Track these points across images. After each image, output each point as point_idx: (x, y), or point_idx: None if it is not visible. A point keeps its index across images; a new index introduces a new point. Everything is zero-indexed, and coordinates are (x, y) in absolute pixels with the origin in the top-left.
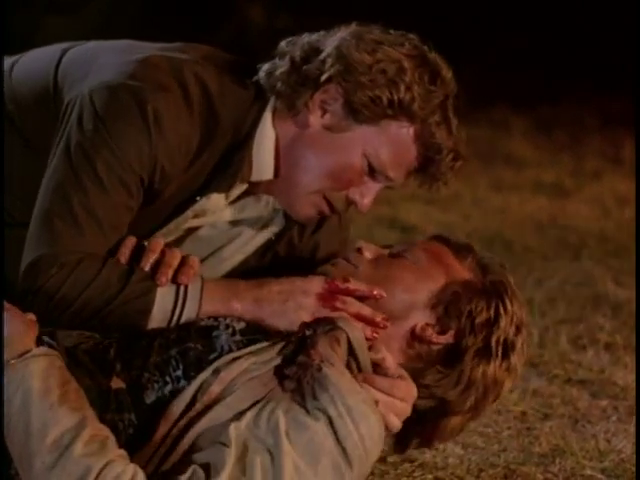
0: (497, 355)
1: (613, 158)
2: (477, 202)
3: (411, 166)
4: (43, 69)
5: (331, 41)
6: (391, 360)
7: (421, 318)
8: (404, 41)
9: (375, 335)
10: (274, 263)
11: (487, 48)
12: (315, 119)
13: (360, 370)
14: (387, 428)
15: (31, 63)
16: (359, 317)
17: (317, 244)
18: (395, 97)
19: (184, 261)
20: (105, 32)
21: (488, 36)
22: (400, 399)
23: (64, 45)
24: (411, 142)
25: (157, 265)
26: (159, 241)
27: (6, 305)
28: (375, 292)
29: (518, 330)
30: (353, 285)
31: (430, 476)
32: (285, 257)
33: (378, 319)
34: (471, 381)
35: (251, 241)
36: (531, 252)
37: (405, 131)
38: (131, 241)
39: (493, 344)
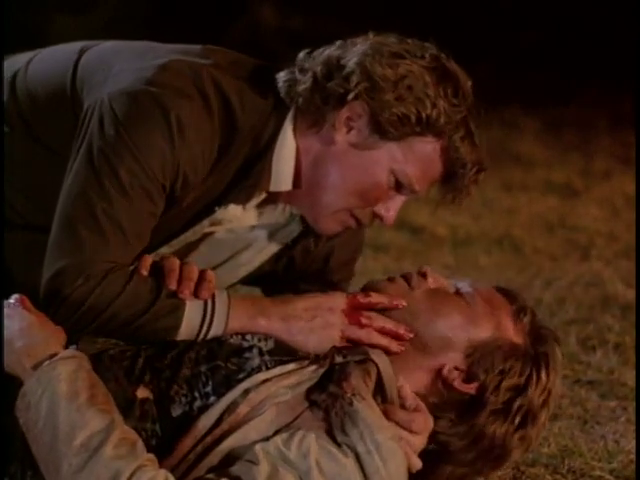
0: (513, 422)
1: (623, 158)
2: (486, 202)
3: (435, 178)
4: (60, 69)
5: (351, 55)
6: (408, 390)
7: (452, 360)
8: (423, 52)
9: (402, 348)
10: (289, 268)
11: (498, 48)
12: (340, 136)
13: (385, 402)
14: (409, 469)
15: (47, 62)
16: (384, 331)
17: (332, 250)
18: (423, 114)
19: (202, 276)
20: (115, 31)
21: (499, 36)
22: (417, 433)
23: (82, 44)
24: (436, 157)
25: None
26: (175, 260)
27: (33, 309)
28: (396, 302)
29: (544, 404)
30: (375, 298)
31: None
32: (300, 263)
33: (402, 331)
34: (479, 437)
35: (268, 247)
36: (540, 252)
37: (431, 147)
38: (147, 260)
39: (514, 410)
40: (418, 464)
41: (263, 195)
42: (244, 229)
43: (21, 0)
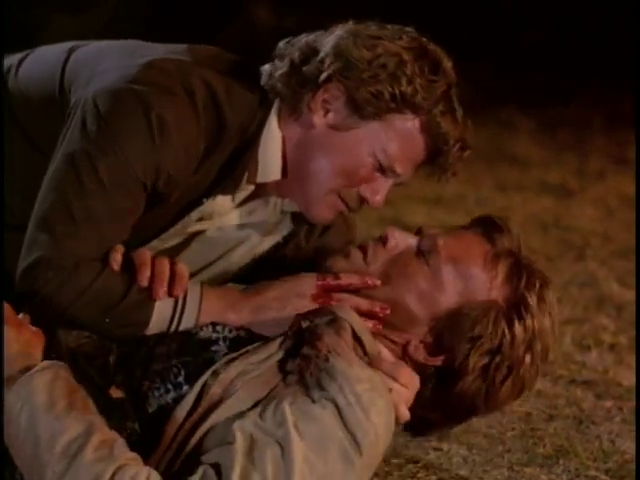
0: (494, 380)
1: (618, 158)
2: (481, 202)
3: (419, 159)
4: (49, 70)
5: (328, 40)
6: (387, 352)
7: (417, 335)
8: (402, 34)
9: (378, 327)
10: (281, 266)
11: (496, 48)
12: (319, 119)
13: (366, 355)
14: (396, 419)
15: (38, 63)
16: (358, 311)
17: (323, 246)
18: (397, 90)
19: (174, 271)
20: (112, 31)
21: (496, 36)
22: (404, 386)
23: (71, 44)
24: (417, 134)
25: (151, 278)
26: (146, 253)
27: (12, 318)
28: (369, 281)
29: (528, 349)
30: (345, 280)
31: (434, 477)
32: (292, 260)
33: (377, 308)
34: (460, 401)
35: (260, 244)
36: (535, 252)
37: (410, 124)
38: (119, 252)
39: (491, 370)
40: (406, 415)
41: (251, 187)
42: (235, 227)
43: (20, 0)
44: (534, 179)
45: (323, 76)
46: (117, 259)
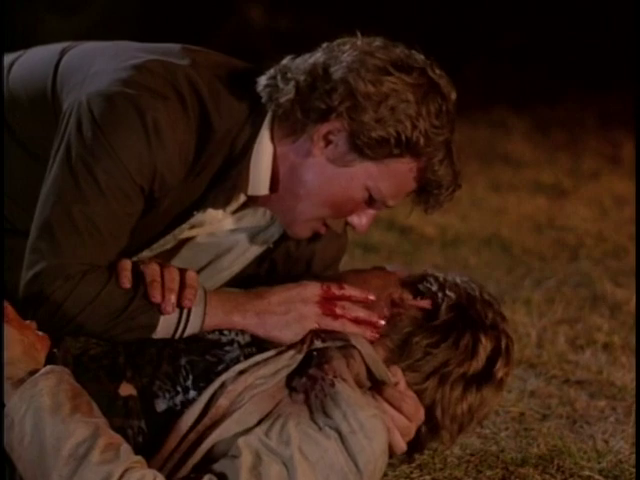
0: (483, 326)
1: (611, 158)
2: (475, 203)
3: (410, 193)
4: (41, 73)
5: (336, 67)
6: (405, 385)
7: (396, 291)
8: (411, 64)
9: (376, 336)
10: (271, 271)
11: (488, 48)
12: (318, 150)
13: (373, 383)
14: (391, 449)
15: (29, 66)
16: (358, 321)
17: (314, 252)
18: (402, 137)
19: (184, 282)
20: (105, 32)
21: (489, 36)
22: (407, 417)
23: (62, 46)
24: (412, 177)
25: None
26: (155, 268)
27: (16, 320)
28: (369, 297)
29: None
30: (348, 291)
31: (428, 477)
32: (282, 265)
33: (374, 319)
34: (458, 337)
35: (249, 250)
36: (529, 252)
37: (408, 167)
38: (128, 265)
39: (472, 313)
40: (402, 446)
41: (242, 199)
42: (225, 233)
43: (11, 0)
44: (528, 179)
45: (332, 115)
46: (127, 275)
